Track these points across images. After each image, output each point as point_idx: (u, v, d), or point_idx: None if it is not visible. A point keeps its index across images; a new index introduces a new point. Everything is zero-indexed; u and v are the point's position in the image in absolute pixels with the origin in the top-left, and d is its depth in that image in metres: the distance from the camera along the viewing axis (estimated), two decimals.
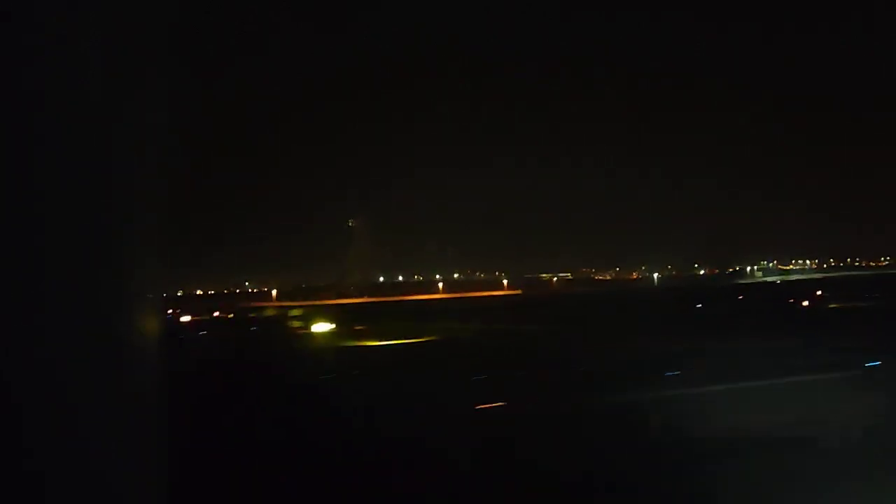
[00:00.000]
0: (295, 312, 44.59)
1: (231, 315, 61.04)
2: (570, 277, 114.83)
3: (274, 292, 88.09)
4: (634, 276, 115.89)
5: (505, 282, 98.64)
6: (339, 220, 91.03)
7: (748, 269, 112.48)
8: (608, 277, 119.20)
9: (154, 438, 2.13)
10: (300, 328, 40.74)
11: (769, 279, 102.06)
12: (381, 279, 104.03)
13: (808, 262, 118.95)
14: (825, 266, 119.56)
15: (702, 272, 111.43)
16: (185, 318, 51.92)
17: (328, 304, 71.33)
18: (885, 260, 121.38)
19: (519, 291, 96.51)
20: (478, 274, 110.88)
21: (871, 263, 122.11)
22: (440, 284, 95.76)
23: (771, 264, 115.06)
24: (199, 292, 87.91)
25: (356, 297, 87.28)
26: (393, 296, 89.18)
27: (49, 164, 1.90)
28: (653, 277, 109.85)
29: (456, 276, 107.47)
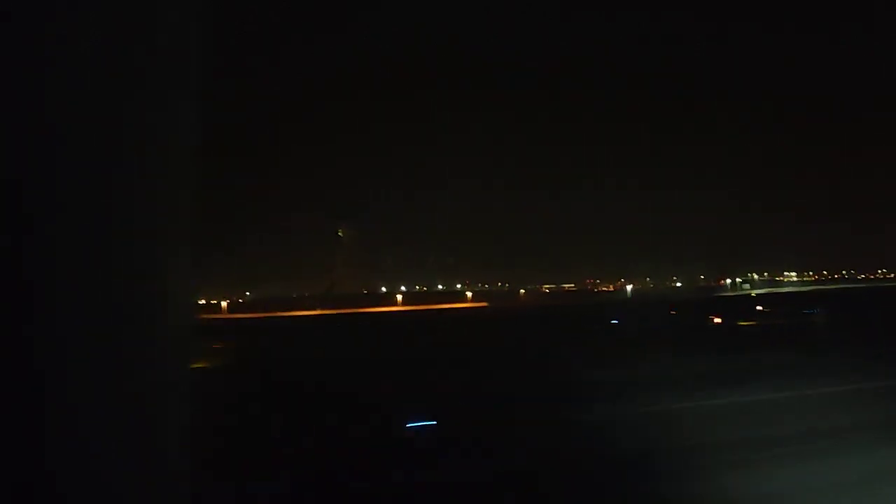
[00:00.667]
0: None
1: None
2: (574, 289, 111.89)
3: (224, 304, 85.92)
4: (635, 285, 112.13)
5: (469, 294, 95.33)
6: (344, 227, 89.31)
7: (729, 281, 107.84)
8: (611, 289, 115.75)
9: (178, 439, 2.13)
10: None
11: (754, 292, 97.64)
12: (384, 289, 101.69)
13: (793, 273, 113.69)
14: (818, 278, 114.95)
15: (678, 284, 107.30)
16: None
17: (259, 318, 68.96)
18: (888, 273, 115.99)
19: (485, 304, 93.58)
20: (479, 284, 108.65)
21: (868, 276, 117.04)
22: (399, 297, 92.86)
23: (755, 276, 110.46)
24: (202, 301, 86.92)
25: (316, 309, 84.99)
26: (354, 307, 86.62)
27: (50, 164, 1.90)
28: (626, 290, 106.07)
29: (458, 286, 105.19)
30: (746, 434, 11.47)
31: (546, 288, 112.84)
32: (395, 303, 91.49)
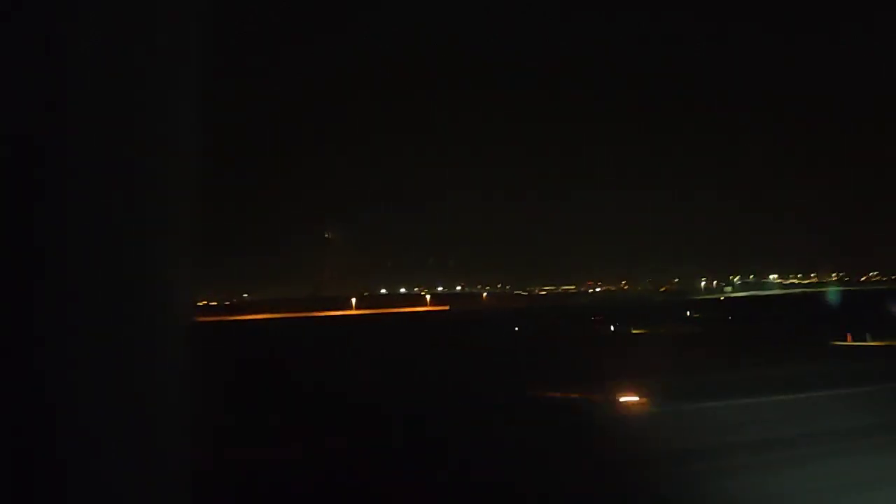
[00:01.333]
0: None
1: None
2: (574, 290, 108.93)
3: None
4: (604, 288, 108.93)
5: (428, 297, 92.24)
6: (332, 228, 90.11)
7: (701, 283, 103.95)
8: (610, 289, 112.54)
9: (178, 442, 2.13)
10: None
11: (723, 295, 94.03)
12: (384, 291, 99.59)
13: (775, 275, 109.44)
14: (814, 280, 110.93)
15: (638, 287, 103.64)
16: None
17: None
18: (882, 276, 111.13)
19: (446, 307, 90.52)
20: (477, 286, 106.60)
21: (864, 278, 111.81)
22: (353, 300, 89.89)
23: (735, 279, 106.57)
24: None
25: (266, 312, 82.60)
26: (306, 311, 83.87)
27: (51, 164, 1.92)
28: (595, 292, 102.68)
29: (458, 288, 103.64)
30: None
31: (544, 290, 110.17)
32: (349, 307, 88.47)
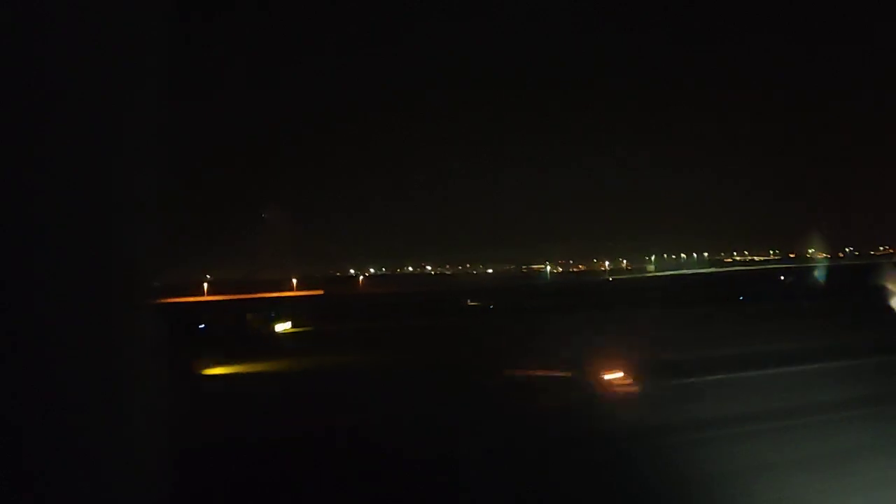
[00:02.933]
0: None
1: None
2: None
3: None
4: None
5: (294, 281, 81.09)
6: (270, 209, 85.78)
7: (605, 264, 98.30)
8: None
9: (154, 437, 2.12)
10: None
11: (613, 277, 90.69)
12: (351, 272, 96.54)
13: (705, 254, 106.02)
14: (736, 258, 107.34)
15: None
16: None
17: None
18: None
19: (320, 292, 79.65)
20: (447, 266, 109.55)
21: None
22: (205, 286, 78.07)
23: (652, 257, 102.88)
24: None
25: None
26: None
27: (43, 162, 1.94)
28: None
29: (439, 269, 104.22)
30: None
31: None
32: (201, 293, 76.20)
